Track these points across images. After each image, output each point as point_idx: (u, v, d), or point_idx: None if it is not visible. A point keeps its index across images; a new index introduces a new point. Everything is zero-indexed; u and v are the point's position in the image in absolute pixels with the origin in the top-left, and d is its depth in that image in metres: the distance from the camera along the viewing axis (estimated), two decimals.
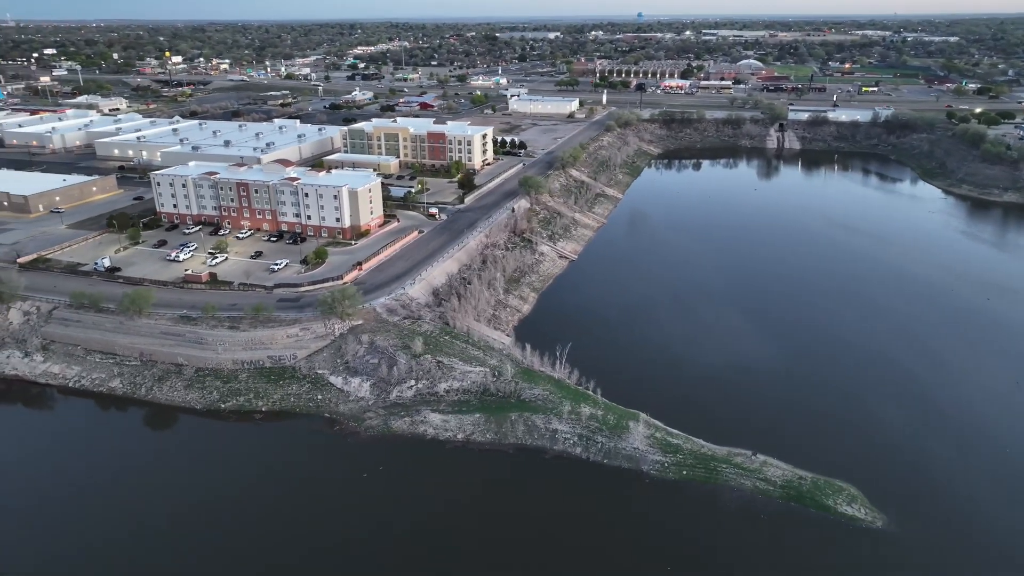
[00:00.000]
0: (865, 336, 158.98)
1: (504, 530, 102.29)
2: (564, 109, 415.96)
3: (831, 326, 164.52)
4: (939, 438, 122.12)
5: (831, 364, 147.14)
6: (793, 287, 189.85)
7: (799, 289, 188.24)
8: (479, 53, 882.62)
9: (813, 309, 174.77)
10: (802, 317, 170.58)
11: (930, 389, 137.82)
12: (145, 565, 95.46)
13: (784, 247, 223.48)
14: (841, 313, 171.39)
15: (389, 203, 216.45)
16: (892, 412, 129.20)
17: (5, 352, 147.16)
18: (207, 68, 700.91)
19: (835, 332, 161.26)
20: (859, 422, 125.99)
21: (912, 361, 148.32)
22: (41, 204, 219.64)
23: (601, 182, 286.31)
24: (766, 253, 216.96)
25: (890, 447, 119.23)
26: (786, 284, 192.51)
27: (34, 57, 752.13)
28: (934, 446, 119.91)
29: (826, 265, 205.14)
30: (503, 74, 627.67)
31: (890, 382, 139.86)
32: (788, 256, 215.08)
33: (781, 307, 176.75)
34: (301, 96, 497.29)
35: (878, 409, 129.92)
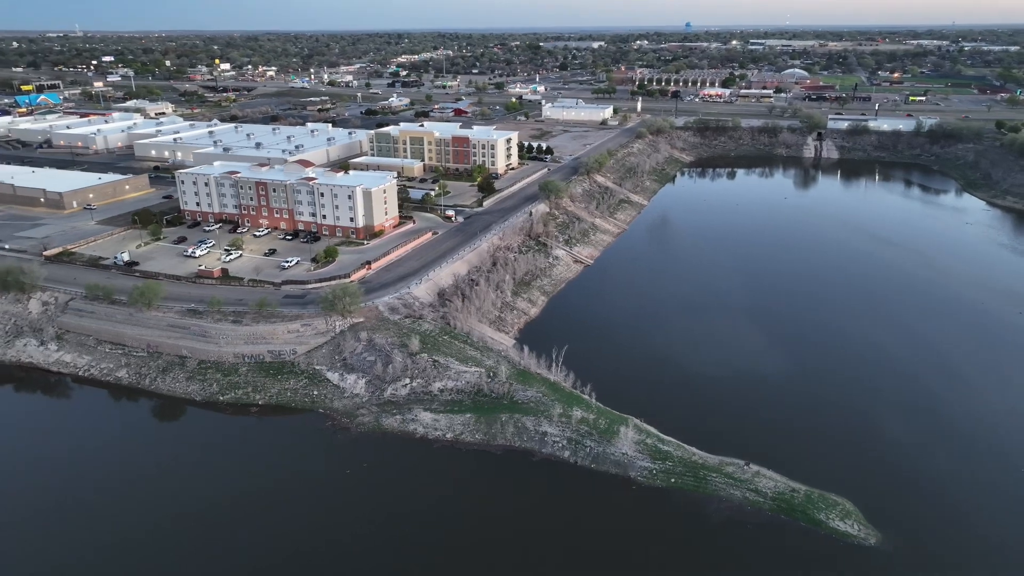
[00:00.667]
0: (882, 349, 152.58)
1: (481, 531, 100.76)
2: (597, 116, 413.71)
3: (848, 338, 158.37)
4: (949, 456, 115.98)
5: (843, 377, 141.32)
6: (812, 298, 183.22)
7: (817, 300, 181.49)
8: (521, 62, 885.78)
9: (830, 320, 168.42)
10: (818, 329, 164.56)
11: (945, 405, 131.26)
12: (113, 544, 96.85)
13: (808, 258, 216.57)
14: (859, 325, 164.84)
15: (406, 205, 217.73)
16: (902, 428, 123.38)
17: (23, 340, 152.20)
18: (253, 75, 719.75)
19: (851, 345, 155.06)
20: (865, 437, 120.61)
21: (929, 376, 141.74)
22: (75, 200, 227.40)
23: (626, 188, 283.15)
24: (788, 263, 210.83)
25: (895, 464, 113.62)
26: (805, 295, 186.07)
27: (93, 64, 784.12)
28: (943, 465, 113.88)
29: (850, 276, 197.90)
30: (541, 82, 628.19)
31: (903, 397, 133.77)
32: (811, 267, 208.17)
33: (796, 318, 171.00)
34: (340, 102, 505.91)
35: (888, 424, 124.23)
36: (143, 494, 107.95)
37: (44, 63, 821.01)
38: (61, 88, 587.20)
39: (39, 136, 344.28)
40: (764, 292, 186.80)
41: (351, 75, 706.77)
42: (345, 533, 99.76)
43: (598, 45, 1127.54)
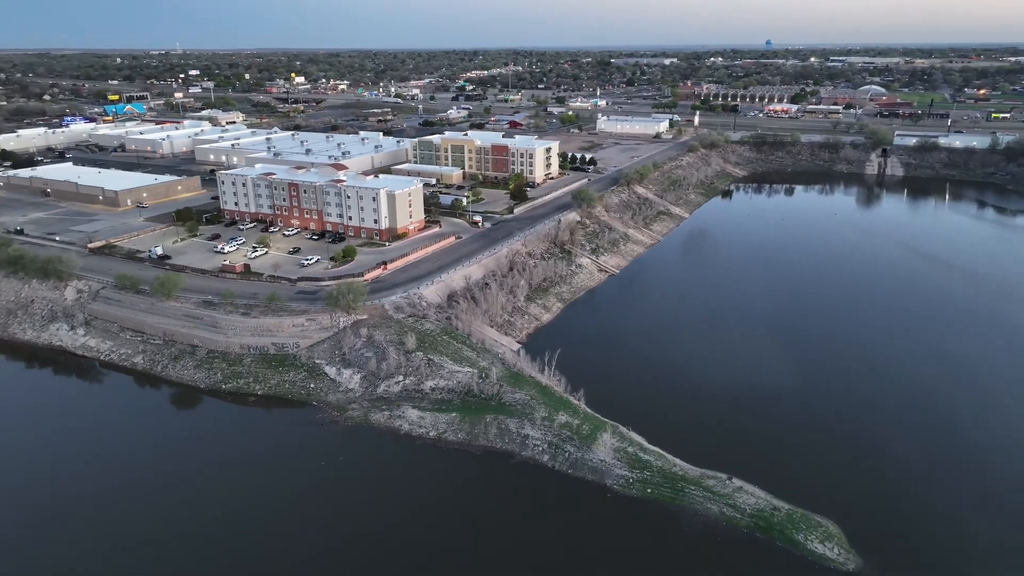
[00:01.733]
0: (912, 377, 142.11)
1: (440, 530, 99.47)
2: (651, 130, 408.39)
3: (872, 362, 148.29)
4: (953, 488, 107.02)
5: (857, 401, 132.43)
6: (844, 320, 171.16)
7: (849, 323, 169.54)
8: (588, 77, 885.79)
9: (857, 342, 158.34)
10: (841, 349, 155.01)
11: (963, 435, 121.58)
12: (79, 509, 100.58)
13: (845, 276, 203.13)
14: (888, 349, 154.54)
15: (434, 210, 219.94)
16: (909, 455, 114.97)
17: (56, 324, 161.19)
18: (326, 88, 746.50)
19: (877, 369, 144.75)
20: (868, 461, 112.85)
21: (955, 405, 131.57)
22: (129, 199, 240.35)
23: (668, 200, 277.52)
24: (822, 282, 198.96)
25: (894, 490, 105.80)
26: (834, 315, 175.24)
27: (180, 77, 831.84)
28: (945, 496, 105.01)
29: (892, 299, 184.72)
30: (603, 97, 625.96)
31: (919, 425, 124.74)
32: (845, 286, 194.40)
33: (818, 338, 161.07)
34: (401, 114, 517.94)
35: (894, 451, 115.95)
36: (124, 472, 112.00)
37: (138, 77, 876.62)
38: (148, 99, 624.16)
39: (115, 141, 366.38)
40: (789, 310, 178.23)
41: (418, 89, 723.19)
42: (299, 521, 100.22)
43: (669, 62, 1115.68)
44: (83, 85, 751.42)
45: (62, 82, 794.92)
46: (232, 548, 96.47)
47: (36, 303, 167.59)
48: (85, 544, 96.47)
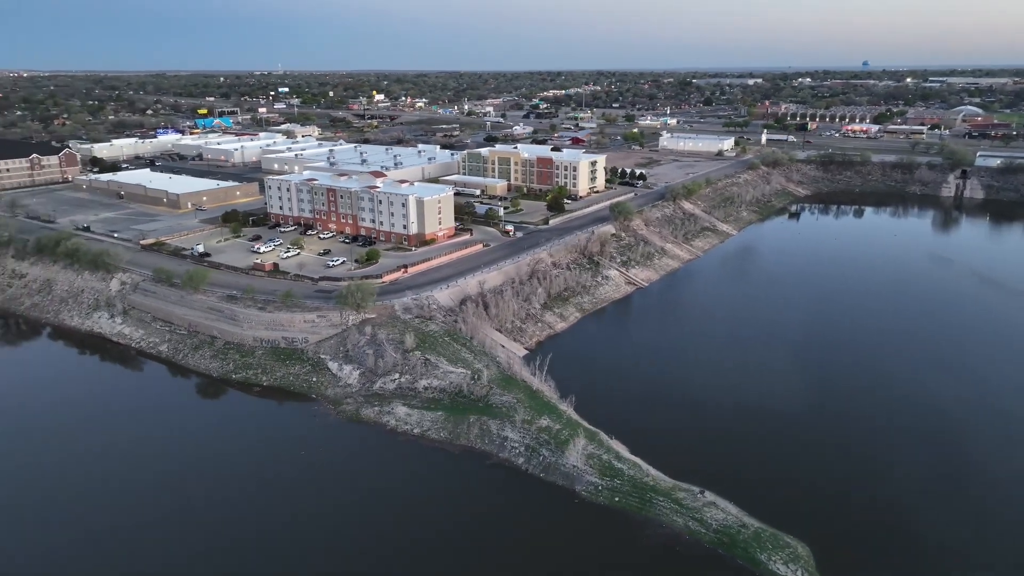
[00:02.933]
0: (926, 410, 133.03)
1: (397, 522, 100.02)
2: (714, 147, 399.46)
3: (892, 396, 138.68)
4: (945, 520, 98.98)
5: (861, 430, 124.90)
6: (873, 350, 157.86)
7: (878, 352, 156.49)
8: (666, 97, 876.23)
9: (881, 374, 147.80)
10: (862, 381, 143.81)
11: (967, 471, 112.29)
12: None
13: (895, 304, 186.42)
14: (911, 384, 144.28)
15: (468, 218, 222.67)
16: (905, 485, 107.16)
17: (99, 313, 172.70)
18: (403, 105, 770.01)
19: (895, 404, 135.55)
20: (861, 487, 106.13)
21: (967, 442, 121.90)
22: (190, 202, 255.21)
23: (716, 216, 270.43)
24: (865, 308, 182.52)
25: (882, 518, 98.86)
26: (868, 345, 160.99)
27: (271, 94, 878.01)
28: (934, 528, 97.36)
29: (940, 329, 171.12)
30: (674, 115, 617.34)
31: (921, 457, 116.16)
32: (891, 314, 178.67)
33: (842, 368, 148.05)
34: (468, 129, 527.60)
35: (891, 481, 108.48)
36: (122, 448, 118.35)
37: (234, 94, 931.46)
38: (237, 114, 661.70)
39: (194, 151, 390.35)
40: (815, 334, 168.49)
41: (492, 107, 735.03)
42: (262, 504, 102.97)
43: (753, 82, 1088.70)
44: (182, 102, 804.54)
45: (166, 99, 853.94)
46: (188, 522, 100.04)
47: (85, 292, 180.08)
48: (62, 502, 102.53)
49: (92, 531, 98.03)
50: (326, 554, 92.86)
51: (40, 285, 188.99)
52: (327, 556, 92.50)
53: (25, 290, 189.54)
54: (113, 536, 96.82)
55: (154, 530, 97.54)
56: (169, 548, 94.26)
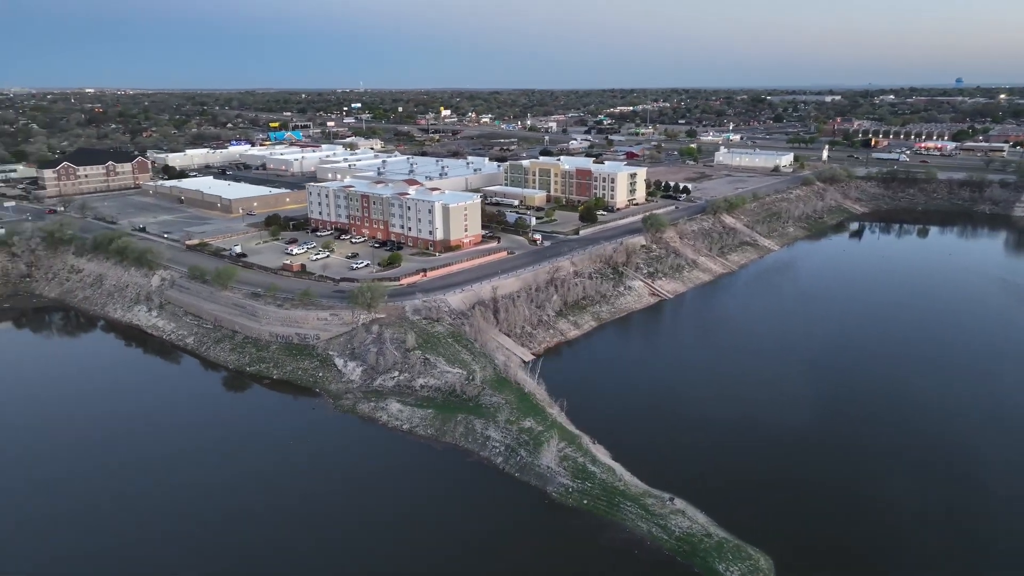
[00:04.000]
0: (928, 440, 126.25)
1: (365, 510, 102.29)
2: (770, 163, 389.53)
3: (903, 414, 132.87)
4: (924, 547, 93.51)
5: (862, 454, 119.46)
6: (892, 372, 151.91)
7: (897, 376, 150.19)
8: (736, 113, 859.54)
9: (893, 395, 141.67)
10: (872, 403, 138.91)
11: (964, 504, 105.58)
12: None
13: (933, 330, 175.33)
14: (923, 401, 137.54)
15: (497, 226, 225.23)
16: (889, 508, 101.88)
17: (138, 306, 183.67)
18: (468, 121, 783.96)
19: (904, 424, 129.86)
20: (844, 509, 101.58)
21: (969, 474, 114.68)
22: (241, 207, 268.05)
23: (758, 231, 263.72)
24: (897, 332, 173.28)
25: (859, 539, 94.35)
26: (887, 368, 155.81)
27: (344, 110, 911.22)
28: (910, 551, 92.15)
29: (984, 361, 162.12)
30: (738, 131, 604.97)
31: (914, 483, 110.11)
32: (926, 341, 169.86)
33: (856, 393, 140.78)
34: (526, 143, 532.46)
35: (877, 503, 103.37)
36: (132, 430, 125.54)
37: (311, 109, 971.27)
38: (310, 128, 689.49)
39: (258, 161, 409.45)
40: (835, 351, 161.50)
41: (555, 122, 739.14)
42: (246, 486, 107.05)
43: (830, 99, 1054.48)
44: (262, 116, 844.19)
45: (247, 113, 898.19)
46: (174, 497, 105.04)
47: (129, 287, 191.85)
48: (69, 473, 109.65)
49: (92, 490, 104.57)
50: (286, 528, 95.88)
51: (93, 279, 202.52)
52: (287, 530, 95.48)
53: (80, 284, 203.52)
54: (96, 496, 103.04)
55: (138, 501, 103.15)
56: (145, 517, 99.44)
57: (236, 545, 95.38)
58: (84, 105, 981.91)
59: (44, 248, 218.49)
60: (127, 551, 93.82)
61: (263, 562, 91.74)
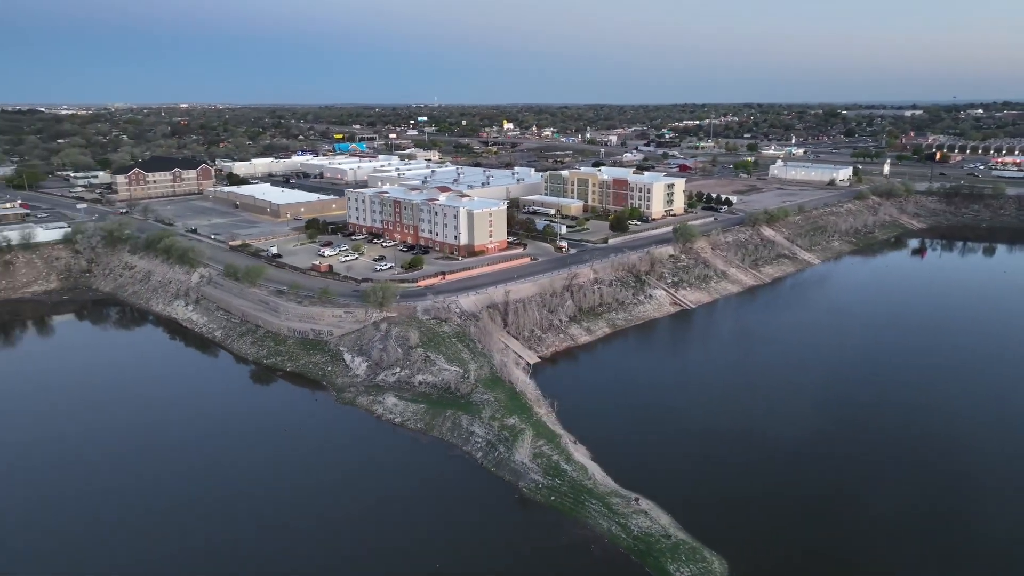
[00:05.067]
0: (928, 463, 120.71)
1: (337, 492, 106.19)
2: (825, 176, 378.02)
3: (901, 434, 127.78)
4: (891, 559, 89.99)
5: (850, 470, 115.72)
6: (917, 400, 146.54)
7: (919, 402, 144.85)
8: (806, 127, 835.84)
9: (897, 414, 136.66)
10: (873, 421, 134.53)
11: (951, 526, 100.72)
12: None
13: (961, 351, 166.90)
14: (925, 424, 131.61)
15: (522, 232, 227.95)
16: (868, 527, 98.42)
17: (177, 301, 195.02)
18: (528, 134, 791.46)
19: (900, 443, 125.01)
20: (817, 520, 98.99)
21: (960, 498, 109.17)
22: (289, 212, 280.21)
23: (799, 244, 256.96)
24: (925, 355, 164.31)
25: (827, 551, 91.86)
26: (913, 398, 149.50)
27: (411, 123, 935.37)
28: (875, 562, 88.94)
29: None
30: (803, 145, 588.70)
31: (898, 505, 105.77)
32: (944, 362, 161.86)
33: (860, 410, 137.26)
34: (581, 156, 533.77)
35: (856, 519, 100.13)
36: (149, 413, 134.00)
37: (379, 122, 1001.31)
38: (375, 140, 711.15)
39: (317, 170, 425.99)
40: (854, 372, 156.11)
41: (615, 136, 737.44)
42: (240, 467, 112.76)
43: (911, 113, 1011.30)
44: (334, 129, 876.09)
45: (319, 126, 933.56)
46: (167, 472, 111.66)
47: (172, 283, 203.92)
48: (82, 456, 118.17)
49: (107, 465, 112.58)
50: (263, 504, 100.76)
51: (143, 276, 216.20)
52: (264, 506, 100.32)
53: (131, 279, 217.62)
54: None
55: (140, 474, 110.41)
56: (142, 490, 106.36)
57: (215, 515, 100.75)
58: (172, 118, 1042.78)
59: (103, 246, 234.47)
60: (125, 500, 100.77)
61: (228, 527, 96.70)
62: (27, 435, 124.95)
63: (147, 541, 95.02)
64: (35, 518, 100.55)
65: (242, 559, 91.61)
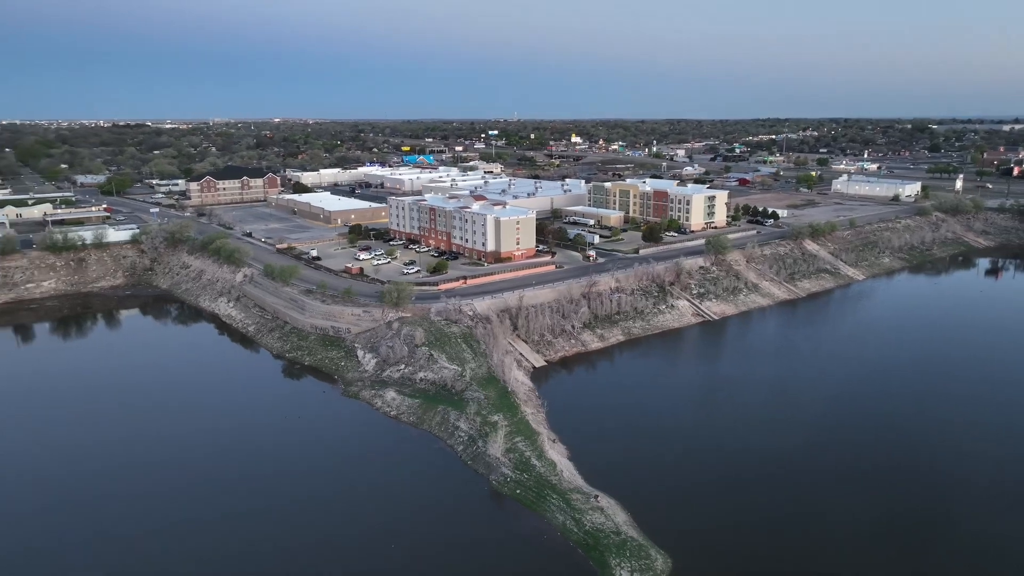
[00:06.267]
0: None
1: (318, 473, 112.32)
2: (890, 192, 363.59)
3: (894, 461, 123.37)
4: None
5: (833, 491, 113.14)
6: (925, 425, 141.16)
7: (924, 427, 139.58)
8: (888, 142, 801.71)
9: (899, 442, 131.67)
10: (871, 446, 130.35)
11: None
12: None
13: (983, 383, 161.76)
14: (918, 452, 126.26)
15: (553, 241, 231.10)
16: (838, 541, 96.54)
17: (221, 298, 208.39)
18: (595, 147, 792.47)
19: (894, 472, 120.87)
20: (782, 527, 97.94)
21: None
22: (339, 219, 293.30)
23: (843, 260, 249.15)
24: (957, 390, 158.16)
25: (777, 554, 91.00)
26: (920, 424, 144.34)
27: (482, 136, 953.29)
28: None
29: None
30: (877, 160, 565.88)
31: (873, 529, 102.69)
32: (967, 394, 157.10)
33: (861, 435, 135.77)
34: (642, 169, 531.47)
35: (828, 530, 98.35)
36: (173, 399, 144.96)
37: (452, 135, 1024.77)
38: (444, 152, 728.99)
39: (378, 180, 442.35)
40: (867, 391, 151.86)
41: (683, 150, 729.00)
42: (241, 447, 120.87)
43: (1009, 128, 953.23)
44: (408, 141, 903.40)
45: (394, 139, 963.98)
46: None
47: (219, 281, 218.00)
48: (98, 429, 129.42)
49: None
50: (254, 484, 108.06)
51: (195, 274, 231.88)
52: (246, 485, 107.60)
53: (185, 277, 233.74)
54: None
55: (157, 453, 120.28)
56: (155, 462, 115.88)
57: (207, 491, 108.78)
58: (261, 132, 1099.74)
59: (165, 247, 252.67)
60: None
61: (215, 495, 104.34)
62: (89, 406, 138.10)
63: (150, 488, 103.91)
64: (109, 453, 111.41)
65: (215, 530, 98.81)
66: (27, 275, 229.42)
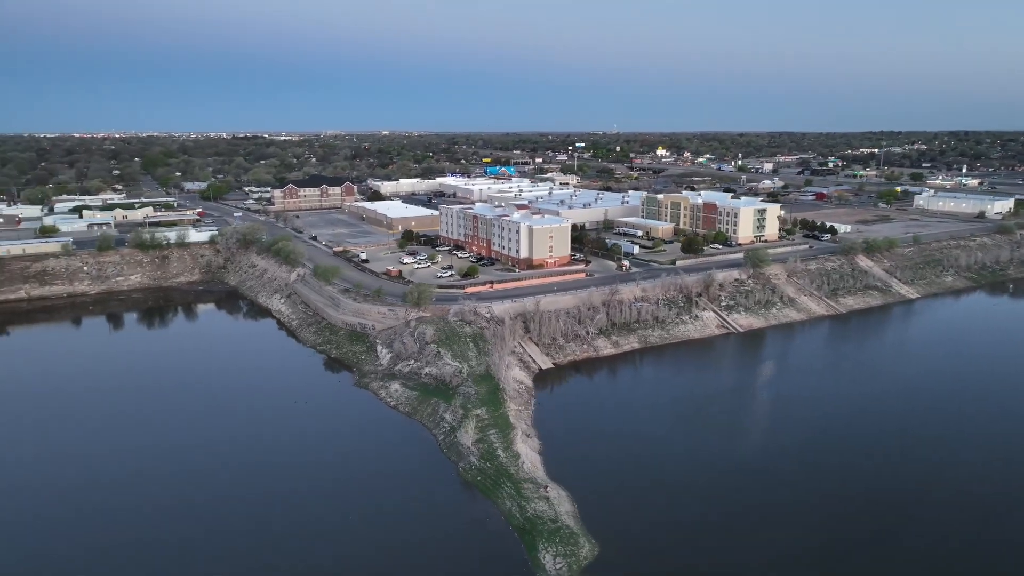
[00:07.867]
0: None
1: (304, 450, 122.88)
2: (976, 208, 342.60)
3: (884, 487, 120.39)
4: None
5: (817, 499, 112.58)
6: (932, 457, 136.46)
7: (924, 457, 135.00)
8: (1001, 156, 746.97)
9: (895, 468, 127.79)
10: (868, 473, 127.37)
11: None
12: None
13: None
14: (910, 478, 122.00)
15: (589, 251, 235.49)
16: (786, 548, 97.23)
17: (276, 295, 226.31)
18: (680, 160, 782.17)
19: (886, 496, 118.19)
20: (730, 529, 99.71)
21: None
22: (400, 225, 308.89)
23: (898, 277, 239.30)
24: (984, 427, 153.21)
25: (707, 548, 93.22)
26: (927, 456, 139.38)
27: (569, 149, 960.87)
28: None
29: None
30: (975, 176, 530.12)
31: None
32: None
33: (859, 458, 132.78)
34: (720, 182, 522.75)
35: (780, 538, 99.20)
36: (210, 384, 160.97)
37: (540, 148, 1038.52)
38: (528, 164, 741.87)
39: (451, 190, 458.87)
40: (880, 415, 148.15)
41: (770, 163, 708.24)
42: (250, 425, 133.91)
43: None
44: (499, 154, 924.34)
45: (484, 151, 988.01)
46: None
47: (276, 280, 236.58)
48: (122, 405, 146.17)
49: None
50: (252, 456, 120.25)
51: (260, 272, 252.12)
52: (252, 456, 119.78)
53: (250, 275, 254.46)
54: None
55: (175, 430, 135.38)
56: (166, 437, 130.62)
57: (213, 464, 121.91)
58: (362, 144, 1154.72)
59: (238, 247, 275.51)
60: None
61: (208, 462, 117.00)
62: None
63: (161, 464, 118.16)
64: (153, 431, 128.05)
65: (202, 504, 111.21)
66: (118, 269, 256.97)
